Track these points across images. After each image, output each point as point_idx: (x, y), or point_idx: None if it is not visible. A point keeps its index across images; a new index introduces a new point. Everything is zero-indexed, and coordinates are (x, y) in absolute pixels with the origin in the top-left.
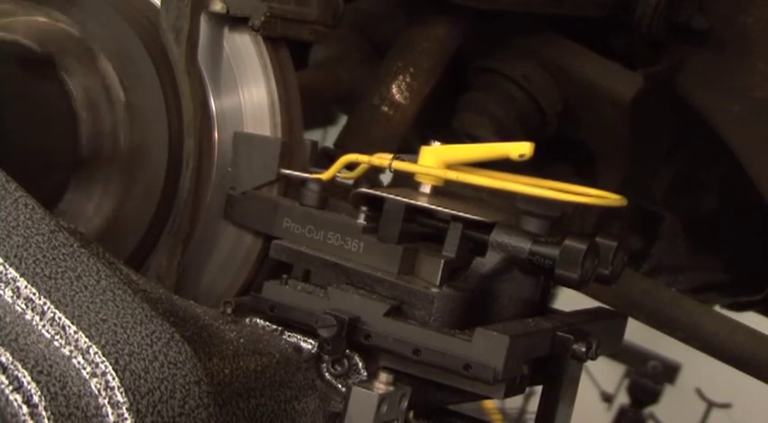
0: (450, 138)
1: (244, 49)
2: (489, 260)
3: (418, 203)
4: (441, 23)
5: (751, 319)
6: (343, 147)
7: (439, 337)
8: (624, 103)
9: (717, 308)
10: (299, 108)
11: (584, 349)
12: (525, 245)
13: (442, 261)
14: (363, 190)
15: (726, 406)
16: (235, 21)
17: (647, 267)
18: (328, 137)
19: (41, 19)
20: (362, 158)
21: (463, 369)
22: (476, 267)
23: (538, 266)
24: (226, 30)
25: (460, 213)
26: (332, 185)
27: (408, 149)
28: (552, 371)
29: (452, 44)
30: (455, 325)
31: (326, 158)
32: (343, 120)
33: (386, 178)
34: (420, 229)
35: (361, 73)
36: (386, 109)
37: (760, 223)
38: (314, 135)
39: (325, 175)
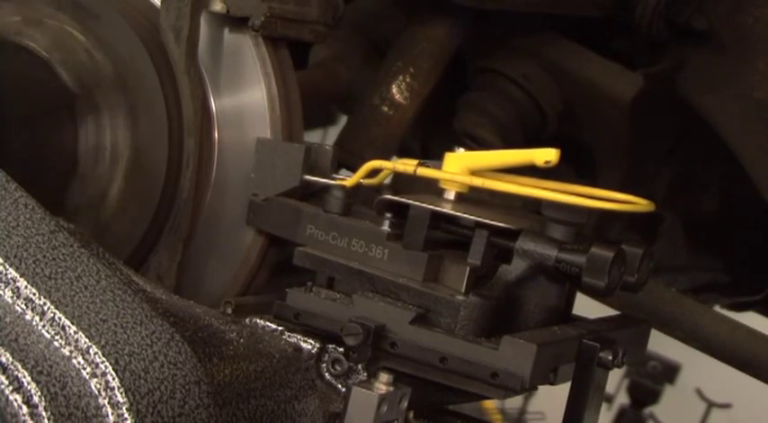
0: (449, 138)
1: (244, 49)
2: (515, 267)
3: (443, 210)
4: (441, 23)
5: (751, 319)
6: (343, 147)
7: (465, 345)
8: (624, 103)
9: (717, 308)
10: (299, 108)
11: (610, 357)
12: (551, 252)
13: (468, 268)
14: (388, 196)
15: (726, 406)
16: (235, 21)
17: None
18: (328, 137)
19: (45, 20)
20: (386, 165)
21: (490, 377)
22: (501, 275)
23: (564, 274)
24: (226, 30)
25: (486, 220)
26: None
27: (408, 150)
28: (579, 378)
29: (452, 44)
30: (481, 333)
31: None
32: (343, 120)
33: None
34: (445, 236)
35: (361, 73)
36: (386, 109)
37: (760, 223)
38: (314, 135)
39: (349, 182)
